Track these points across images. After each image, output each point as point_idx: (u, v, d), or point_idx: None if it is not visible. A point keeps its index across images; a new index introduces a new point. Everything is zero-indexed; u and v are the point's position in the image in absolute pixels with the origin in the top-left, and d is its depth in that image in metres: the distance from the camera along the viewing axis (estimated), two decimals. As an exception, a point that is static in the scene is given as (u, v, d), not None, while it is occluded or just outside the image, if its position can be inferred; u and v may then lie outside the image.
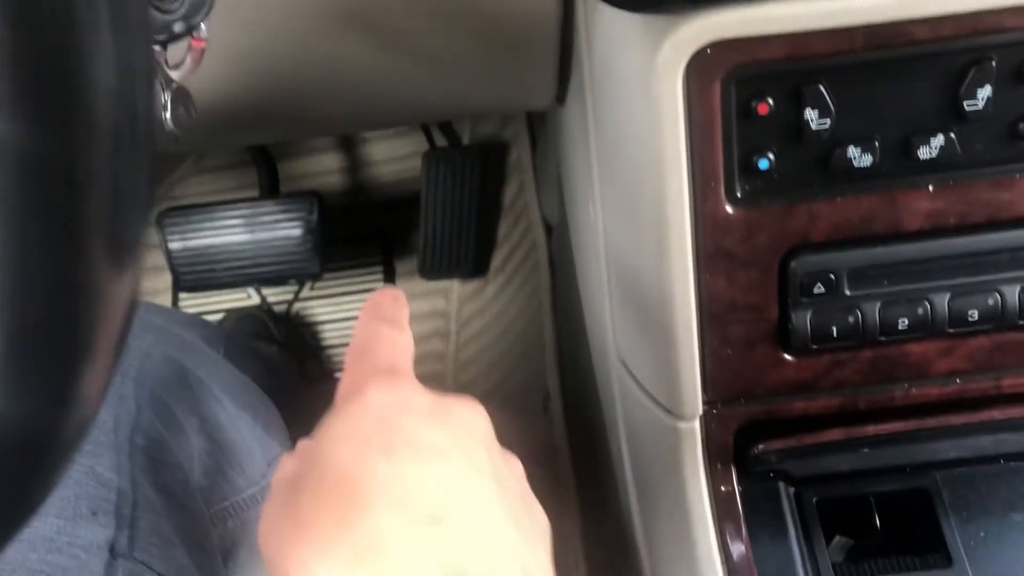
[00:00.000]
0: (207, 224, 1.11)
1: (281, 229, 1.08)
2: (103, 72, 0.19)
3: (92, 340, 0.23)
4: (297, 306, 1.24)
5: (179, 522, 0.45)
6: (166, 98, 0.40)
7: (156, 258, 1.16)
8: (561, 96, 0.66)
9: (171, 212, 1.12)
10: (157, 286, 1.22)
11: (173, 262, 1.13)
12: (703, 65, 0.41)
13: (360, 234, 1.25)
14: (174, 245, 1.11)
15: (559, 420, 0.98)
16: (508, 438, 0.36)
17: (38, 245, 0.21)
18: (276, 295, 1.23)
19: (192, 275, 1.13)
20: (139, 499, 0.43)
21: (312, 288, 1.25)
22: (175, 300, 1.22)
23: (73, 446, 0.25)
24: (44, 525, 0.39)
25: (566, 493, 0.92)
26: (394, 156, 1.25)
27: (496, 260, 1.20)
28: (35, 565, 0.39)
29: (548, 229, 1.13)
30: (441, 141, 1.21)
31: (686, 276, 0.46)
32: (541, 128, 1.08)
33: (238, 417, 0.56)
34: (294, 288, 1.24)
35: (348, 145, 1.24)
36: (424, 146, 1.20)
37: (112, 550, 0.40)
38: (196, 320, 0.94)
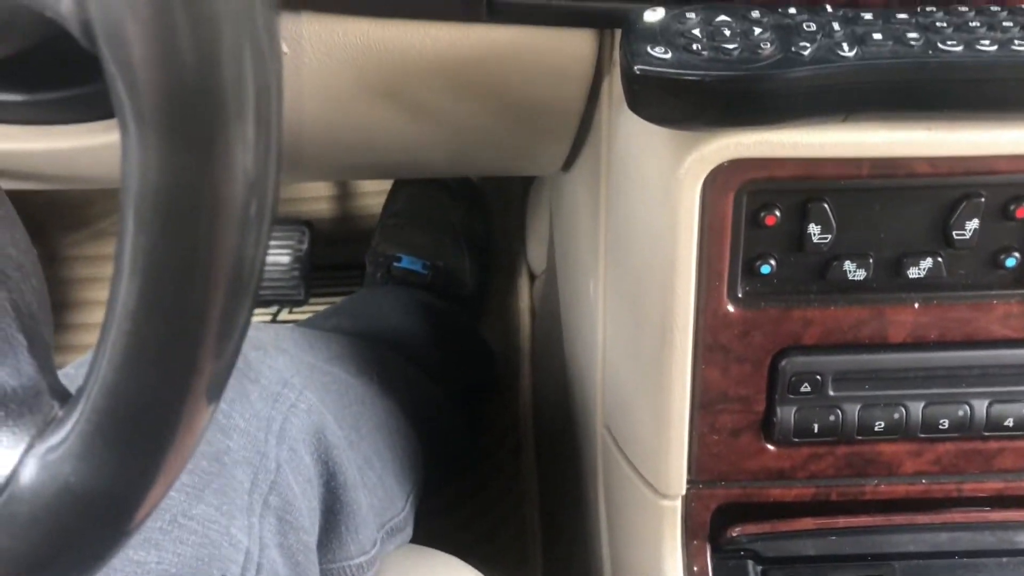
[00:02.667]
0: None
1: (270, 255, 1.09)
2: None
3: (179, 429, 0.25)
4: (275, 328, 1.25)
5: None
6: None
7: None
8: (567, 166, 0.69)
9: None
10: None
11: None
12: (720, 177, 0.44)
13: (345, 262, 1.26)
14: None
15: (530, 468, 1.00)
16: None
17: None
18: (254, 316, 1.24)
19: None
20: (263, 563, 0.43)
21: (291, 312, 1.26)
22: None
23: (148, 514, 0.27)
24: None
25: (532, 544, 0.94)
26: (384, 188, 1.27)
27: (476, 301, 1.22)
28: None
29: (531, 276, 1.15)
30: (433, 179, 1.23)
31: (684, 365, 0.49)
32: (534, 181, 1.11)
33: (367, 468, 0.54)
34: (272, 311, 1.25)
35: (341, 174, 1.26)
36: (415, 182, 1.22)
37: None
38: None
